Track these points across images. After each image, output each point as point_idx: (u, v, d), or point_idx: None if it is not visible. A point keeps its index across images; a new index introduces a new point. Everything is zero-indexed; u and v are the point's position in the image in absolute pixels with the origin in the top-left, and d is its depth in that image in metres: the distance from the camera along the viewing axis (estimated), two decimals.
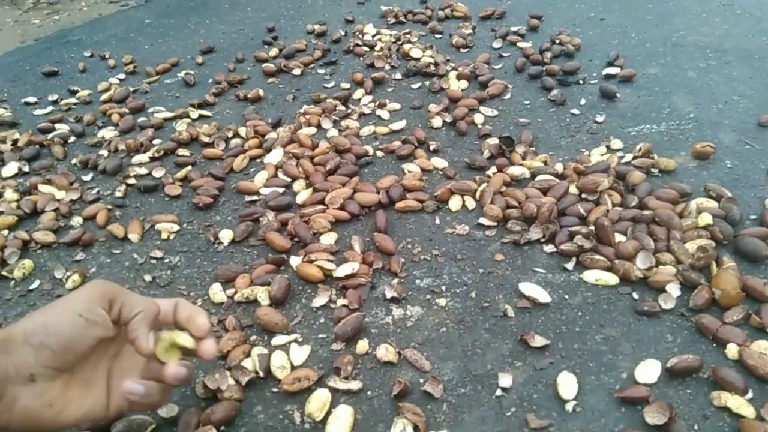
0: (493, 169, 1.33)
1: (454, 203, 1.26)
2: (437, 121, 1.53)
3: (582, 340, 0.96)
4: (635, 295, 1.02)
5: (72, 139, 1.59)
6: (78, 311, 0.65)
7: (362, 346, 0.96)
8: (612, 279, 1.04)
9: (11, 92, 1.86)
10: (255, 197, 1.32)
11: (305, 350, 0.96)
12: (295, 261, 1.13)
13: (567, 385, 0.88)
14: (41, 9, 2.68)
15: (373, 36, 2.02)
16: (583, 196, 1.22)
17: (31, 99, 1.80)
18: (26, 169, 1.47)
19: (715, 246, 1.07)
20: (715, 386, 0.86)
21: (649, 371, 0.89)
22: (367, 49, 1.94)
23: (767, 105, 1.49)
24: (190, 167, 1.42)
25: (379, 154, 1.44)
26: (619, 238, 1.11)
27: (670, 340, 0.94)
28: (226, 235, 1.21)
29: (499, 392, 0.88)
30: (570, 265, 1.08)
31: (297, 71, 1.84)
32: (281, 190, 1.33)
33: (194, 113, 1.65)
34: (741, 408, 0.82)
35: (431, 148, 1.43)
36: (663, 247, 1.08)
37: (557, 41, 1.86)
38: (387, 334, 0.99)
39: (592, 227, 1.12)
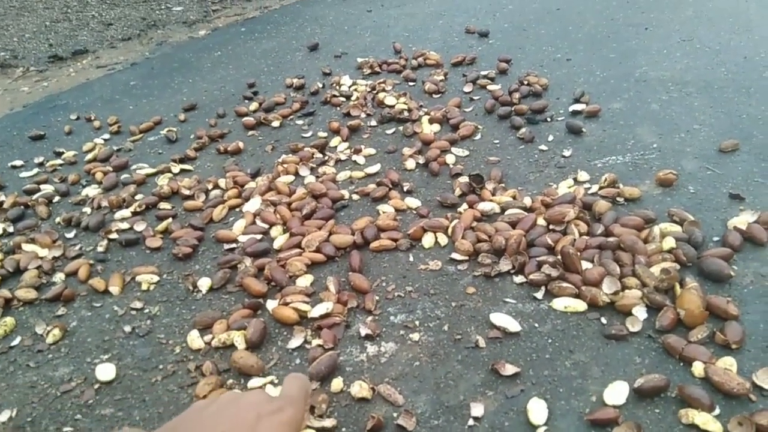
0: (464, 206, 1.37)
1: (427, 240, 1.29)
2: (411, 163, 1.58)
3: (552, 366, 0.97)
4: (603, 320, 1.04)
5: (56, 198, 1.63)
6: None
7: (337, 384, 0.97)
8: (580, 305, 1.07)
9: None
10: (233, 245, 1.35)
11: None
12: (271, 304, 1.15)
13: (537, 411, 0.89)
14: (30, 77, 2.77)
15: (350, 86, 2.09)
16: (551, 227, 1.25)
17: (18, 162, 1.84)
18: (11, 229, 1.50)
19: (679, 268, 1.10)
20: (682, 404, 0.88)
21: (617, 393, 0.90)
22: (344, 99, 2.00)
23: (727, 132, 1.54)
24: (170, 220, 1.45)
25: (355, 197, 1.48)
26: (586, 265, 1.14)
27: (638, 361, 0.96)
28: (204, 283, 1.24)
29: (471, 422, 0.89)
30: (539, 294, 1.11)
31: (276, 123, 1.90)
32: (259, 236, 1.36)
33: (176, 168, 1.70)
34: (708, 424, 0.84)
35: (405, 189, 1.47)
36: (629, 272, 1.10)
37: (525, 82, 1.93)
38: (361, 371, 1.01)
39: (559, 256, 1.15)
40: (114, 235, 1.42)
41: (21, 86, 2.68)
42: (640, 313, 1.03)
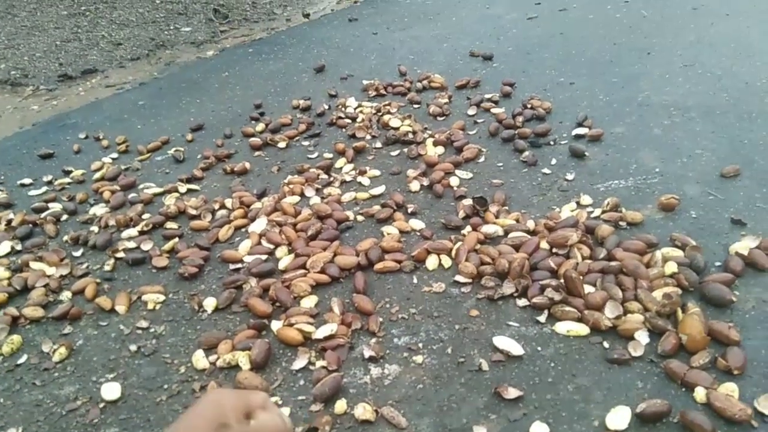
0: (468, 228, 1.39)
1: (431, 262, 1.30)
2: (415, 185, 1.60)
3: (555, 390, 0.98)
4: (605, 344, 1.05)
5: (64, 217, 1.65)
6: None
7: (341, 406, 0.98)
8: (583, 329, 1.07)
9: (8, 175, 1.93)
10: (239, 265, 1.37)
11: (285, 412, 0.98)
12: (276, 325, 1.16)
13: None
14: (40, 95, 2.81)
15: (355, 108, 2.11)
16: (554, 250, 1.26)
17: (27, 180, 1.87)
18: (19, 247, 1.52)
19: (681, 293, 1.11)
20: (684, 430, 0.88)
21: (619, 418, 0.91)
22: (349, 120, 2.03)
23: (729, 157, 1.56)
24: (177, 239, 1.47)
25: (360, 218, 1.49)
26: (589, 289, 1.14)
27: (641, 386, 0.97)
28: (209, 303, 1.25)
29: None
30: (542, 318, 1.12)
31: (282, 144, 1.93)
32: (264, 257, 1.37)
33: (183, 188, 1.72)
34: None
35: (409, 210, 1.48)
36: (631, 296, 1.11)
37: (529, 105, 1.95)
38: (365, 393, 1.01)
39: (562, 280, 1.16)
40: (121, 254, 1.44)
41: (31, 104, 2.71)
42: (643, 337, 1.04)
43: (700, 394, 0.93)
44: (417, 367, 1.05)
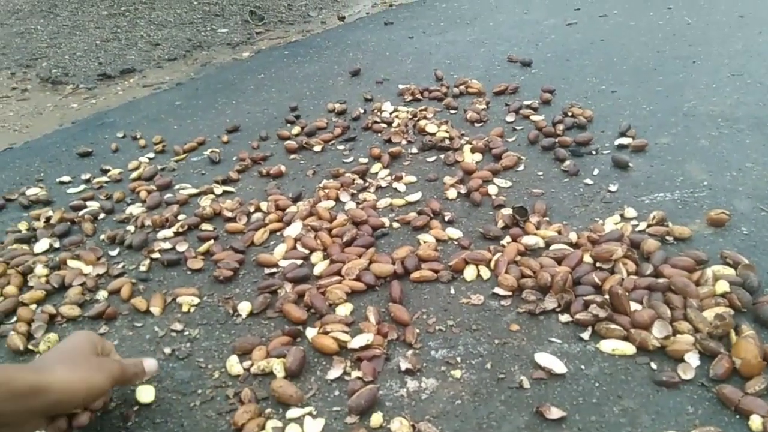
0: (508, 239, 1.35)
1: (469, 273, 1.27)
2: (452, 193, 1.57)
3: (599, 412, 0.94)
4: (653, 365, 1.01)
5: (102, 215, 1.66)
6: None
7: (376, 419, 0.96)
8: (629, 349, 1.03)
9: (47, 172, 1.96)
10: (274, 269, 1.35)
11: (319, 423, 0.96)
12: (311, 332, 1.14)
13: None
14: (80, 94, 2.86)
15: (391, 113, 2.09)
16: (598, 264, 1.22)
17: (66, 178, 1.89)
18: (57, 245, 1.53)
19: (733, 314, 1.06)
20: None
21: None
22: (385, 125, 2.01)
23: None
24: (212, 241, 1.46)
25: (395, 225, 1.47)
26: (634, 306, 1.10)
27: (691, 411, 0.92)
28: (244, 308, 1.24)
29: None
30: (586, 335, 1.08)
31: (318, 148, 1.92)
32: (299, 262, 1.36)
33: (218, 189, 1.72)
34: None
35: (446, 218, 1.46)
36: (680, 316, 1.07)
37: (569, 113, 1.91)
38: (401, 407, 0.99)
39: (607, 296, 1.12)
40: (156, 255, 1.44)
41: (70, 102, 2.76)
42: (693, 359, 0.99)
43: (756, 422, 0.88)
44: (455, 382, 1.02)
